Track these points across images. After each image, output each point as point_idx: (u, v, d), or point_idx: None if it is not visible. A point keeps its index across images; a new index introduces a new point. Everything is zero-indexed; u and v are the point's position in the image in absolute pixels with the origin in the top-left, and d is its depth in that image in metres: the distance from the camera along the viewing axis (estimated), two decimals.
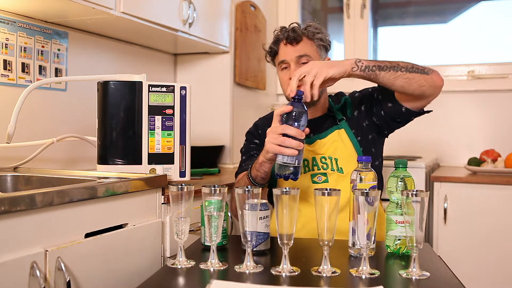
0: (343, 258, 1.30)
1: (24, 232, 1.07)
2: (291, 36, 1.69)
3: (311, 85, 1.45)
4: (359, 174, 1.32)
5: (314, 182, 1.68)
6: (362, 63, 1.49)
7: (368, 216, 1.14)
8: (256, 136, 1.85)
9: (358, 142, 1.70)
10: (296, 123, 1.39)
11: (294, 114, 1.39)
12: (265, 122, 1.86)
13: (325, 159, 1.69)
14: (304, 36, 1.70)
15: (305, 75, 1.46)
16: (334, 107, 1.77)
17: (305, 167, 1.69)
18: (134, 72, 1.73)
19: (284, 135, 1.38)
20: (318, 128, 1.74)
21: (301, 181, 1.59)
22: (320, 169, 1.68)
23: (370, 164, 1.33)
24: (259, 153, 1.59)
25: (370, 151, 1.73)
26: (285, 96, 1.75)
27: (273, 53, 1.76)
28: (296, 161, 1.38)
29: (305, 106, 1.41)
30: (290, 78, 1.64)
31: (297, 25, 1.72)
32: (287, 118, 1.40)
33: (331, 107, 1.79)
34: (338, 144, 1.69)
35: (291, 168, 1.38)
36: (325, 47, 1.76)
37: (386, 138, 1.81)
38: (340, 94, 1.85)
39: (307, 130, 1.42)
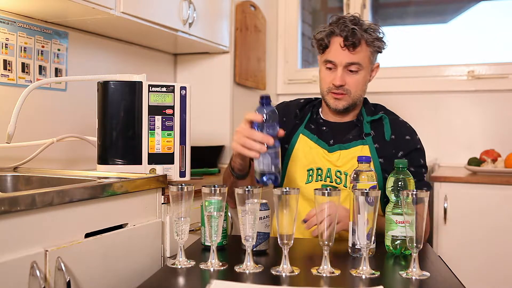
0: (343, 258, 1.30)
1: (24, 232, 1.07)
2: (350, 39, 1.57)
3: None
4: (360, 174, 1.32)
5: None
6: None
7: (368, 216, 1.14)
8: None
9: (380, 165, 1.62)
10: (265, 129, 1.36)
11: (264, 120, 1.36)
12: (285, 111, 1.76)
13: (340, 174, 1.62)
14: (363, 40, 1.59)
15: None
16: (365, 118, 1.68)
17: (318, 175, 1.64)
18: (134, 72, 1.73)
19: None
20: (341, 136, 1.67)
21: (310, 190, 1.57)
22: (332, 182, 1.63)
23: (370, 165, 1.33)
24: None
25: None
26: (321, 92, 1.67)
27: (322, 46, 1.64)
28: (272, 166, 1.35)
29: (275, 111, 1.37)
30: (334, 84, 1.60)
31: (357, 22, 1.59)
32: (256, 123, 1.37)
33: (361, 116, 1.70)
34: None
35: (267, 173, 1.36)
36: (379, 52, 1.67)
37: None
38: (379, 108, 1.74)
39: (281, 132, 1.37)
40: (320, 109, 1.76)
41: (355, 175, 1.32)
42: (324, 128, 1.71)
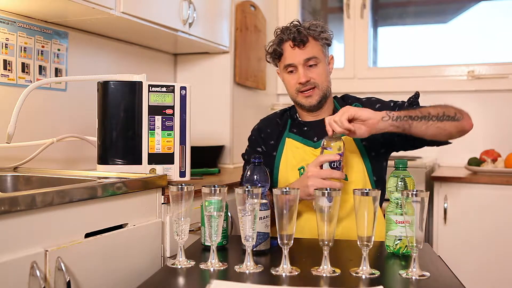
0: (343, 258, 1.30)
1: (24, 232, 1.07)
2: (297, 38, 1.66)
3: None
4: (330, 142, 1.44)
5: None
6: (393, 114, 1.45)
7: (368, 216, 1.14)
8: (259, 142, 1.81)
9: (366, 151, 1.66)
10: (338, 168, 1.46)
11: (337, 162, 1.45)
12: (267, 123, 1.84)
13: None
14: (310, 37, 1.68)
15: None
16: None
17: None
18: (134, 72, 1.73)
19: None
20: (323, 132, 1.67)
21: None
22: None
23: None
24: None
25: (382, 165, 1.70)
26: (291, 97, 1.74)
27: (277, 55, 1.72)
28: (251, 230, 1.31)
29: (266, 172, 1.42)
30: (300, 83, 1.67)
31: (299, 24, 1.69)
32: (330, 164, 1.46)
33: (336, 109, 1.75)
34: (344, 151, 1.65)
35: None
36: (328, 44, 1.75)
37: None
38: (346, 97, 1.81)
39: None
40: (297, 114, 1.80)
41: (324, 143, 1.44)
42: (306, 128, 1.75)
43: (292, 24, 1.70)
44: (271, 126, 1.82)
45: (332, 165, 1.45)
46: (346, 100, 1.79)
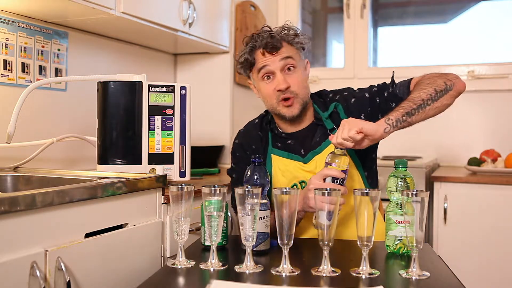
0: (343, 258, 1.30)
1: (24, 232, 1.07)
2: (270, 43, 1.55)
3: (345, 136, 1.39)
4: (333, 158, 1.40)
5: None
6: (391, 120, 1.40)
7: (368, 215, 1.14)
8: (244, 159, 1.67)
9: (355, 153, 1.60)
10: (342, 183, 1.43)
11: (340, 180, 1.41)
12: (249, 138, 1.71)
13: None
14: (284, 41, 1.59)
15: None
16: (323, 116, 1.63)
17: (303, 187, 1.58)
18: (134, 72, 1.73)
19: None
20: (309, 142, 1.62)
21: None
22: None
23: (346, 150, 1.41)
24: None
25: (371, 157, 1.65)
26: (270, 107, 1.63)
27: (249, 65, 1.61)
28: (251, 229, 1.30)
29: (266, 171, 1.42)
30: (279, 90, 1.55)
31: (270, 30, 1.60)
32: (333, 179, 1.42)
33: (317, 114, 1.65)
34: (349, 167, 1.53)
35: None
36: (303, 49, 1.65)
37: None
38: (324, 94, 1.70)
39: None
40: (276, 125, 1.69)
41: (329, 159, 1.40)
42: (290, 141, 1.65)
43: (263, 30, 1.60)
44: (255, 142, 1.69)
45: (336, 181, 1.40)
46: (324, 96, 1.70)
